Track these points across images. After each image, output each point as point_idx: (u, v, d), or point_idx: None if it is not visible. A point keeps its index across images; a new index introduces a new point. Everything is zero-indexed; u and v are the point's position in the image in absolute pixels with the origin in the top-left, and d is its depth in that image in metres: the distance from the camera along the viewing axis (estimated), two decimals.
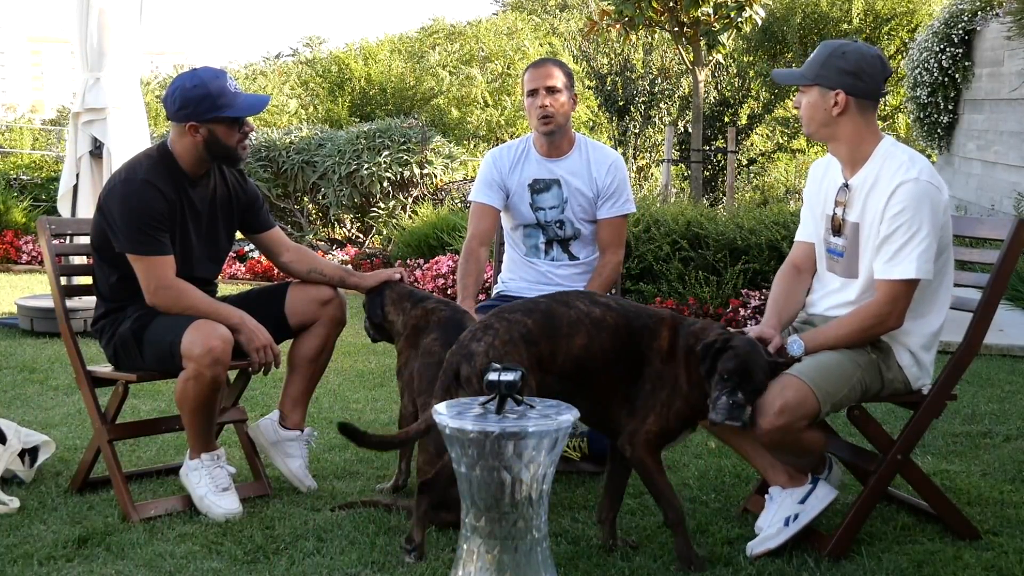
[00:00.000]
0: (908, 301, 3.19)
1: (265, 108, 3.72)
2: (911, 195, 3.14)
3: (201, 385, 3.54)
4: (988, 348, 6.29)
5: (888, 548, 3.34)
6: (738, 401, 3.03)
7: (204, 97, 3.63)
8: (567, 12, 26.41)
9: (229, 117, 3.64)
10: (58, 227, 4.07)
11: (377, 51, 18.20)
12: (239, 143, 3.71)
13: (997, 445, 4.53)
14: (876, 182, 3.23)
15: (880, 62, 3.26)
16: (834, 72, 3.22)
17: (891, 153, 3.25)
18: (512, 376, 2.80)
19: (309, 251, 4.04)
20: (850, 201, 3.30)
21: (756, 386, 3.06)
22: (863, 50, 3.25)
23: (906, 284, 3.17)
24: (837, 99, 3.23)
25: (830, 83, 3.23)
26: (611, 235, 4.29)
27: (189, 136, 3.66)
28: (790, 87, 13.87)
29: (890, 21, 16.67)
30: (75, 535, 3.44)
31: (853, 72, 3.21)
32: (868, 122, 3.27)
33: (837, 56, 3.23)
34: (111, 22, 6.80)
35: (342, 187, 11.16)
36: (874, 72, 3.23)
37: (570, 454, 4.13)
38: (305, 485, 3.92)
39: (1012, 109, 10.11)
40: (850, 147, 3.29)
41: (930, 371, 3.37)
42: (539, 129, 4.25)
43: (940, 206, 3.18)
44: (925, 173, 3.17)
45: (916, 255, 3.13)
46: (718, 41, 10.72)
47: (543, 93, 4.21)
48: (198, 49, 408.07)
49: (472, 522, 2.77)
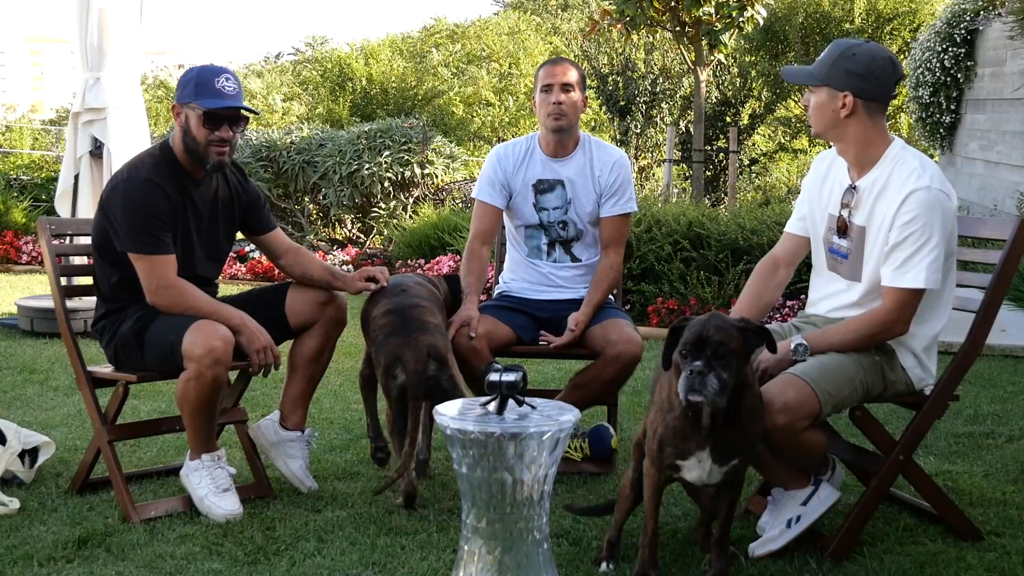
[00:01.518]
0: (915, 309, 3.18)
1: (233, 108, 3.67)
2: (923, 204, 3.12)
3: (202, 386, 3.53)
4: (990, 348, 6.28)
5: (890, 549, 3.33)
6: (695, 369, 2.77)
7: (190, 82, 3.68)
8: (568, 12, 26.42)
9: (200, 107, 3.63)
10: (58, 227, 4.06)
11: (378, 51, 18.20)
12: (211, 144, 3.65)
13: (1000, 446, 4.52)
14: (885, 187, 3.21)
15: (891, 64, 3.21)
16: (843, 73, 3.19)
17: (901, 158, 3.22)
18: (513, 377, 2.79)
19: (305, 254, 4.01)
20: (857, 204, 3.27)
21: (717, 349, 2.80)
22: (874, 52, 3.20)
23: (914, 293, 3.15)
24: (845, 101, 3.20)
25: (839, 84, 3.20)
26: (613, 233, 4.28)
27: (176, 121, 3.72)
28: (792, 86, 13.89)
29: (892, 20, 16.66)
30: (75, 536, 3.43)
31: (862, 74, 3.18)
32: (877, 124, 3.24)
33: (847, 57, 3.20)
34: (111, 22, 6.80)
35: (343, 187, 11.16)
36: (884, 75, 3.19)
37: (571, 455, 4.12)
38: (306, 486, 3.91)
39: (1014, 109, 10.10)
40: (858, 149, 3.27)
41: (933, 371, 3.36)
42: (549, 125, 4.23)
43: (950, 214, 3.17)
44: (936, 181, 3.15)
45: (926, 264, 3.12)
46: (720, 41, 10.72)
47: (557, 89, 4.20)
48: (198, 49, 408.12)
49: (473, 523, 2.77)
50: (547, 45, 19.48)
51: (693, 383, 2.78)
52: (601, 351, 4.04)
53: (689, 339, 2.83)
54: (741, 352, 2.84)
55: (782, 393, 3.06)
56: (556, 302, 4.30)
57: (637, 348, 4.01)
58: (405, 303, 3.78)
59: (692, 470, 2.99)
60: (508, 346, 4.18)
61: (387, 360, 3.64)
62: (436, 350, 3.64)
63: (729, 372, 2.80)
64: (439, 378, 3.63)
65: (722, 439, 2.92)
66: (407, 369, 3.59)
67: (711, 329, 2.80)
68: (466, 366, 4.01)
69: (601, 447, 4.15)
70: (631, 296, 7.37)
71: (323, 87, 17.41)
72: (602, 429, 4.19)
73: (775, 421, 3.04)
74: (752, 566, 3.19)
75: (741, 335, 2.85)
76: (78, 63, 6.99)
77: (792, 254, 3.53)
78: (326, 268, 3.98)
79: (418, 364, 3.59)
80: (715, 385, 2.78)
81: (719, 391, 2.79)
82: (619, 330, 4.04)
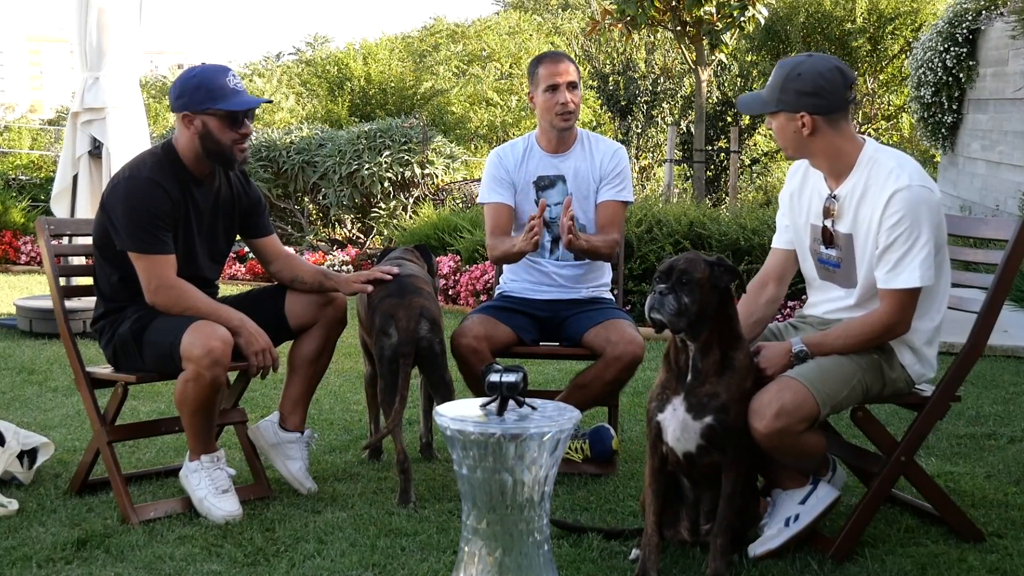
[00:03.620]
0: (914, 307, 3.17)
1: (259, 107, 3.70)
2: (906, 203, 3.10)
3: (201, 386, 3.52)
4: (992, 349, 6.26)
5: (892, 550, 3.32)
6: (658, 290, 2.99)
7: (199, 88, 3.63)
8: (569, 11, 26.43)
9: (221, 111, 3.62)
10: (57, 227, 4.05)
11: (377, 50, 18.20)
12: (235, 144, 3.68)
13: (1002, 447, 4.51)
14: (865, 191, 3.19)
15: (838, 72, 3.18)
16: (793, 95, 3.17)
17: (876, 159, 3.20)
18: (514, 378, 2.78)
19: (295, 258, 4.01)
20: (839, 212, 3.26)
21: (681, 276, 2.99)
22: (818, 66, 3.17)
23: (912, 292, 3.14)
24: (803, 121, 3.18)
25: (792, 107, 3.18)
26: (608, 218, 4.24)
27: (186, 129, 3.66)
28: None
29: (894, 20, 16.63)
30: (74, 537, 3.42)
31: (812, 92, 3.15)
32: (843, 133, 3.22)
33: (793, 79, 3.17)
34: (110, 21, 6.79)
35: (343, 187, 11.15)
36: (834, 86, 3.16)
37: (572, 456, 4.11)
38: (305, 487, 3.90)
39: (1016, 109, 10.08)
40: (830, 160, 3.25)
41: (933, 364, 3.34)
42: (557, 124, 4.21)
43: (935, 208, 3.15)
44: (916, 178, 3.13)
45: (918, 263, 3.11)
46: (721, 40, 10.72)
47: (564, 89, 4.19)
48: (198, 48, 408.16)
49: (473, 524, 2.76)
50: (548, 45, 19.48)
51: (654, 302, 3.00)
52: (602, 352, 4.02)
53: (660, 269, 3.07)
54: (707, 282, 3.02)
55: (779, 396, 3.05)
56: (557, 302, 4.28)
57: (638, 349, 3.99)
58: (402, 272, 3.98)
59: (669, 424, 3.10)
60: (509, 347, 4.17)
61: (381, 320, 3.80)
62: (429, 312, 3.82)
63: (691, 298, 2.99)
64: (432, 340, 3.80)
65: (696, 389, 3.06)
66: (399, 327, 3.76)
67: (681, 260, 3.05)
68: (466, 366, 4.01)
69: (602, 448, 4.14)
70: (631, 296, 7.37)
71: (321, 87, 17.40)
72: (603, 430, 4.18)
73: (772, 425, 3.02)
74: (753, 567, 3.18)
75: (708, 267, 3.04)
76: (77, 63, 6.98)
77: (781, 269, 3.51)
78: (318, 271, 3.98)
79: (410, 322, 3.76)
80: (673, 305, 2.99)
81: (676, 311, 2.99)
82: (620, 331, 4.03)
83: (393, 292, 3.85)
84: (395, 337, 3.76)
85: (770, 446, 3.10)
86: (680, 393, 3.09)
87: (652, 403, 3.18)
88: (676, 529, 3.30)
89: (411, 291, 3.86)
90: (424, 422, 4.41)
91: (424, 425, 4.41)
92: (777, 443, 3.08)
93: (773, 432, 3.04)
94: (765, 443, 3.08)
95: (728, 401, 3.06)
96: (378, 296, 3.87)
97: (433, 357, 3.82)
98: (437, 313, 3.88)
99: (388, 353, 3.77)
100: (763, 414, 3.04)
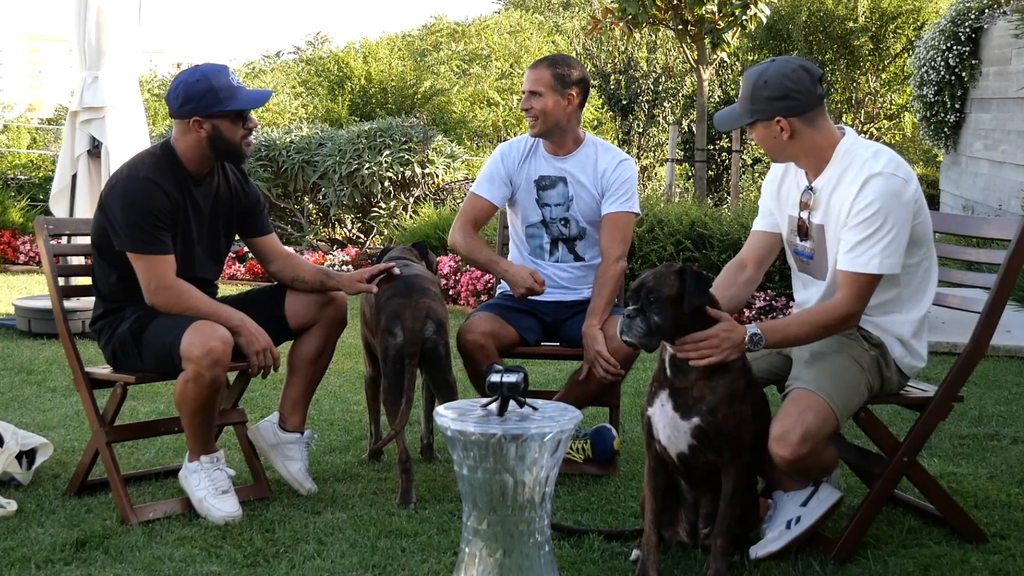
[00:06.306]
0: (869, 296, 3.13)
1: (267, 102, 3.71)
2: (877, 189, 3.09)
3: (200, 387, 3.51)
4: (995, 349, 6.23)
5: (894, 551, 3.31)
6: (627, 312, 3.00)
7: (207, 91, 3.60)
8: (570, 10, 26.41)
9: (233, 111, 3.61)
10: (56, 227, 4.04)
11: (377, 49, 18.19)
12: (243, 139, 3.69)
13: (1004, 447, 4.49)
14: (839, 182, 3.18)
15: (804, 72, 3.17)
16: (764, 103, 3.17)
17: (852, 150, 3.20)
18: (515, 378, 2.77)
19: (295, 257, 4.00)
20: (815, 204, 3.26)
21: (649, 295, 2.99)
22: (782, 70, 3.17)
23: (868, 278, 3.10)
24: (781, 126, 3.18)
25: (767, 114, 3.18)
26: (614, 233, 4.20)
27: (193, 133, 3.63)
28: None
29: (896, 19, 16.62)
30: (73, 538, 3.41)
31: (782, 96, 3.15)
32: (821, 129, 3.21)
33: (760, 87, 3.17)
34: (110, 20, 6.78)
35: (343, 187, 11.14)
36: (802, 85, 3.15)
37: (573, 456, 4.10)
38: (305, 488, 3.89)
39: (1019, 108, 10.06)
40: (812, 157, 3.24)
41: (923, 355, 3.33)
42: (529, 131, 4.25)
43: (906, 198, 3.12)
44: (890, 166, 3.12)
45: (879, 249, 3.08)
46: (722, 39, 10.70)
47: (526, 96, 4.22)
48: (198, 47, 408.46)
49: (474, 525, 2.75)
50: (549, 44, 19.47)
51: (623, 326, 3.02)
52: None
53: (632, 286, 3.07)
54: (677, 296, 2.99)
55: (801, 419, 3.01)
56: (557, 303, 4.27)
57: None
58: (408, 272, 3.96)
59: (659, 421, 3.09)
60: (512, 347, 4.16)
61: (387, 319, 3.79)
62: (435, 313, 3.81)
63: (662, 316, 2.99)
64: (437, 342, 3.79)
65: (683, 387, 3.04)
66: (404, 327, 3.74)
67: (649, 278, 3.04)
68: (472, 363, 4.00)
69: (603, 448, 4.13)
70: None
71: (321, 86, 17.39)
72: (604, 430, 4.17)
73: (798, 451, 3.00)
74: (755, 568, 3.17)
75: (679, 280, 3.01)
76: (76, 62, 6.97)
77: (758, 252, 3.49)
78: (319, 270, 3.96)
79: (416, 323, 3.75)
80: (641, 328, 3.00)
81: (645, 333, 3.00)
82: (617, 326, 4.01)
83: (400, 292, 3.84)
84: (400, 337, 3.75)
85: (793, 470, 3.10)
86: (665, 388, 3.09)
87: (644, 398, 3.19)
88: (675, 530, 3.29)
89: (418, 291, 3.84)
90: (425, 423, 4.41)
91: (425, 426, 4.41)
92: (801, 467, 3.08)
93: (799, 459, 3.02)
94: (788, 468, 3.08)
95: (716, 403, 3.02)
96: (384, 295, 3.86)
97: (438, 359, 3.81)
98: (444, 315, 3.86)
99: (393, 353, 3.76)
100: (788, 440, 3.01)
